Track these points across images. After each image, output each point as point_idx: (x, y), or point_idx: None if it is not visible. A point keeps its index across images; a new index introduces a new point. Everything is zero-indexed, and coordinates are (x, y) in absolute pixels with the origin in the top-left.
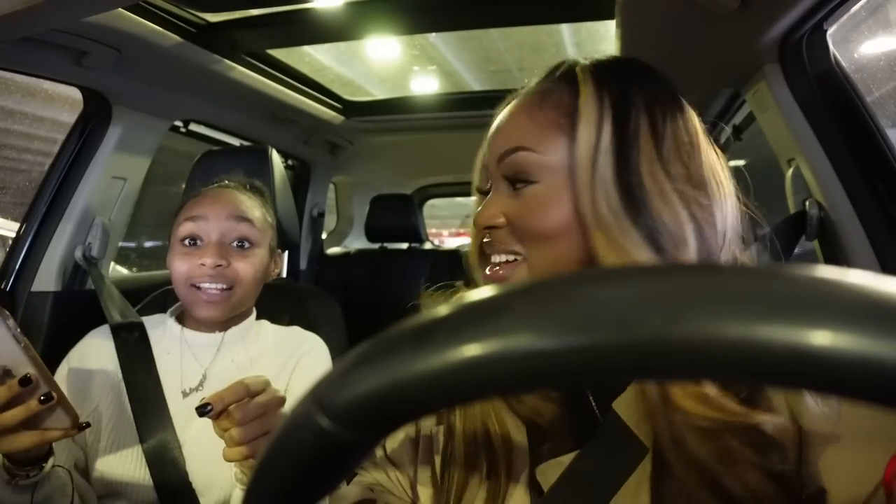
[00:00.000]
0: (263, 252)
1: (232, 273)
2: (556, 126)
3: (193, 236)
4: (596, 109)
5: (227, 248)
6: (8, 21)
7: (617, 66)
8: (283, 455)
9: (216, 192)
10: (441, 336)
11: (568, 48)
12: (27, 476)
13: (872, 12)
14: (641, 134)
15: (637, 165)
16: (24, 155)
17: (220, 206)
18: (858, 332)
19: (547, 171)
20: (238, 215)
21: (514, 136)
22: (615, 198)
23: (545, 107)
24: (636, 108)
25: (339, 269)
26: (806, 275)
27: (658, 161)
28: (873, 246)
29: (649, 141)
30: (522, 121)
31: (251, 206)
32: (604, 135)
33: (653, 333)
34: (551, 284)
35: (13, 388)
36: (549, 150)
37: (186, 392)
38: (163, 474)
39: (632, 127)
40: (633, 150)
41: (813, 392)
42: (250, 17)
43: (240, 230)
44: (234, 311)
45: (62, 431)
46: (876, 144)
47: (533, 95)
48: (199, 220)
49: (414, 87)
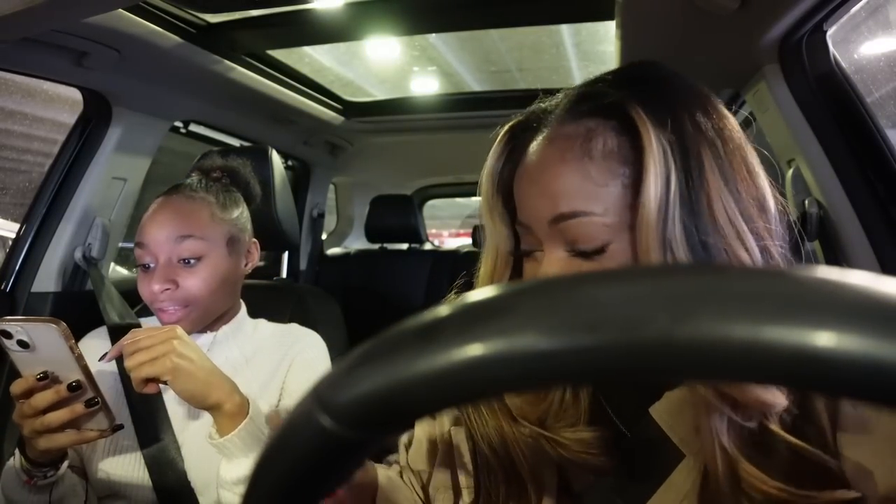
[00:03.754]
0: (218, 259)
1: (181, 294)
2: (615, 178)
3: (144, 262)
4: (661, 155)
5: (175, 270)
6: (8, 21)
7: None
8: (283, 454)
9: (156, 213)
10: (445, 335)
11: (568, 48)
12: (44, 476)
13: (872, 13)
14: (706, 168)
15: (714, 214)
16: (24, 156)
17: (160, 227)
18: (865, 333)
19: (613, 233)
20: (178, 234)
21: (565, 199)
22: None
23: (595, 157)
24: (695, 138)
25: (339, 269)
26: (812, 275)
27: (728, 194)
28: (873, 246)
29: (715, 173)
30: (572, 179)
31: (195, 216)
32: (672, 188)
33: (658, 334)
34: (556, 284)
35: (61, 392)
36: (613, 208)
37: None
38: (161, 475)
39: (699, 167)
40: (701, 192)
41: (819, 393)
42: (250, 18)
43: (181, 249)
44: (204, 322)
45: (99, 433)
46: (876, 145)
47: (570, 142)
48: (144, 246)
49: (414, 88)
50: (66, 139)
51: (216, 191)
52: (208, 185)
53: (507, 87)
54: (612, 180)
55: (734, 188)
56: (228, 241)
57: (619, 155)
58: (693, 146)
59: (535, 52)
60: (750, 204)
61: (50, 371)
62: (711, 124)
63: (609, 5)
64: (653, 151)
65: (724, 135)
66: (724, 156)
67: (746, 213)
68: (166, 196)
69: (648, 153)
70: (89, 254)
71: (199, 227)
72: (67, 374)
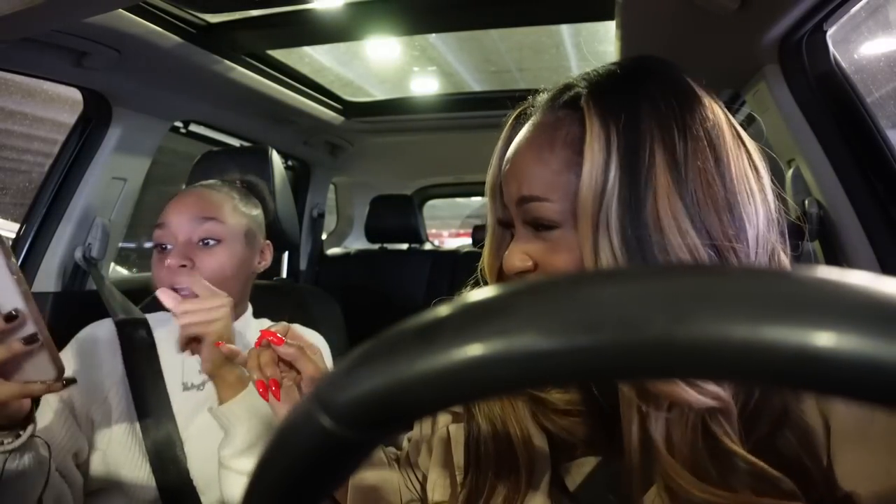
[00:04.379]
0: (235, 246)
1: (197, 273)
2: (568, 167)
3: (162, 242)
4: (602, 147)
5: (193, 248)
6: (8, 22)
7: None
8: (283, 454)
9: (181, 196)
10: (444, 335)
11: (568, 48)
12: (1, 443)
13: (872, 13)
14: (657, 165)
15: (650, 208)
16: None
17: (183, 209)
18: (865, 333)
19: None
20: (201, 216)
21: (527, 183)
22: (619, 248)
23: (555, 146)
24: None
25: (339, 269)
26: (812, 276)
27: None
28: (873, 246)
29: (665, 172)
30: (533, 166)
31: (217, 203)
32: (610, 177)
33: (657, 334)
34: (556, 284)
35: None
36: (563, 196)
37: (188, 386)
38: (164, 472)
39: (644, 161)
40: (646, 189)
41: (818, 394)
42: (250, 18)
43: (203, 229)
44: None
45: (45, 385)
46: (876, 145)
47: (541, 130)
48: (164, 226)
49: (414, 88)
50: (66, 139)
51: (238, 189)
52: (231, 184)
53: (506, 87)
54: (567, 169)
55: (688, 188)
56: (246, 233)
57: (576, 144)
58: (644, 143)
59: (535, 52)
60: (707, 205)
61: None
62: (678, 123)
63: (609, 5)
64: (592, 143)
65: (691, 133)
66: (682, 156)
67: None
68: (191, 188)
69: (588, 144)
70: (89, 254)
71: (220, 213)
72: (5, 301)
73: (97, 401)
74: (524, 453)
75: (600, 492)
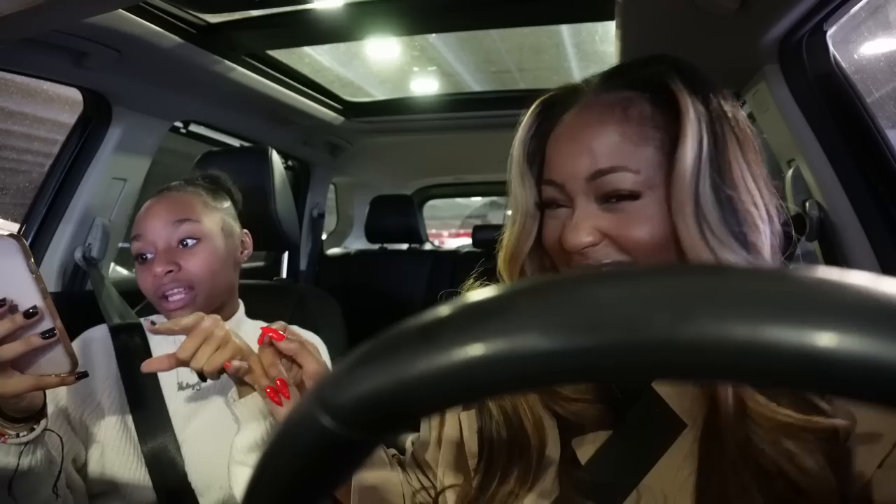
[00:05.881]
0: (215, 241)
1: (184, 275)
2: (649, 141)
3: (142, 253)
4: (696, 123)
5: (175, 253)
6: (8, 22)
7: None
8: (284, 454)
9: (151, 206)
10: (446, 335)
11: (568, 48)
12: (17, 435)
13: (872, 13)
14: (729, 140)
15: (733, 175)
16: (24, 156)
17: (156, 216)
18: (868, 334)
19: (647, 187)
20: (176, 219)
21: (605, 156)
22: (716, 216)
23: (632, 121)
24: (722, 112)
25: (339, 269)
26: (813, 276)
27: (745, 162)
28: (873, 246)
29: (735, 144)
30: (611, 139)
31: (189, 203)
32: (704, 150)
33: (660, 334)
34: (558, 284)
35: (17, 321)
36: (646, 167)
37: (183, 385)
38: (162, 474)
39: (723, 135)
40: (727, 160)
41: (822, 394)
42: (250, 18)
43: (180, 232)
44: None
45: (59, 378)
46: (876, 145)
47: (609, 107)
48: (140, 238)
49: (414, 88)
50: (66, 139)
51: (203, 187)
52: (194, 183)
53: (506, 87)
54: (645, 143)
55: (748, 159)
56: (223, 227)
57: (653, 121)
58: (718, 120)
59: (535, 52)
60: (759, 175)
61: (8, 297)
62: (729, 107)
63: (609, 5)
64: (689, 118)
65: (738, 118)
66: (738, 133)
67: (757, 181)
68: (157, 195)
69: (686, 119)
70: (89, 254)
71: (194, 212)
72: (25, 299)
73: (90, 405)
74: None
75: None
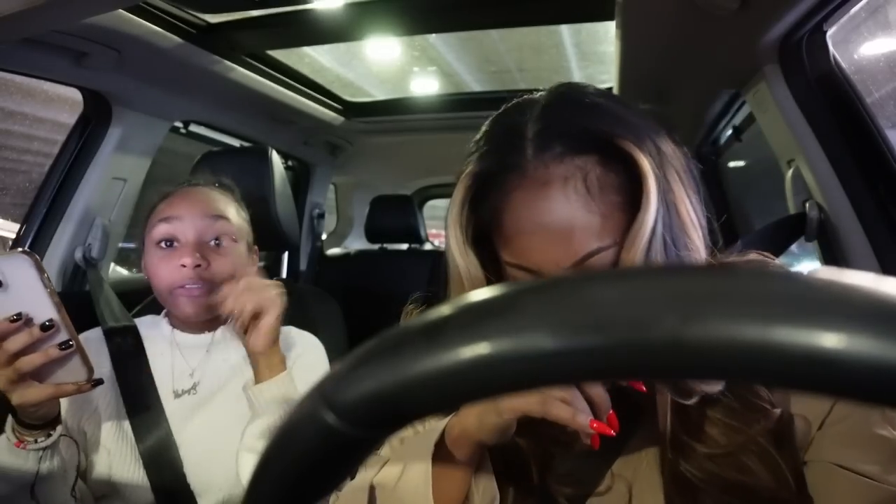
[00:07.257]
0: (242, 247)
1: (210, 274)
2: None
3: (169, 238)
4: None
5: (205, 248)
6: (8, 22)
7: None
8: (287, 451)
9: (188, 191)
10: (450, 334)
11: (568, 48)
12: (35, 441)
13: (872, 13)
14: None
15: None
16: (24, 156)
17: (194, 204)
18: (876, 335)
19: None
20: (214, 213)
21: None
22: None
23: (594, 193)
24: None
25: (338, 269)
26: (820, 277)
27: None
28: (873, 247)
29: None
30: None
31: (225, 204)
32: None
33: (666, 334)
34: (562, 283)
35: (34, 334)
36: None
37: (178, 393)
38: (160, 476)
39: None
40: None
41: (827, 396)
42: (250, 18)
43: (217, 228)
44: (211, 313)
45: (76, 386)
46: (876, 145)
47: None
48: (173, 221)
49: (414, 88)
50: (66, 139)
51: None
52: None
53: (507, 87)
54: (612, 211)
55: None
56: (247, 234)
57: (612, 186)
58: (665, 165)
59: (535, 52)
60: (695, 198)
61: (24, 312)
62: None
63: (609, 5)
64: (650, 178)
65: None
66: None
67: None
68: (191, 186)
69: (648, 180)
70: (89, 254)
71: (229, 212)
72: (40, 312)
73: (88, 410)
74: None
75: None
